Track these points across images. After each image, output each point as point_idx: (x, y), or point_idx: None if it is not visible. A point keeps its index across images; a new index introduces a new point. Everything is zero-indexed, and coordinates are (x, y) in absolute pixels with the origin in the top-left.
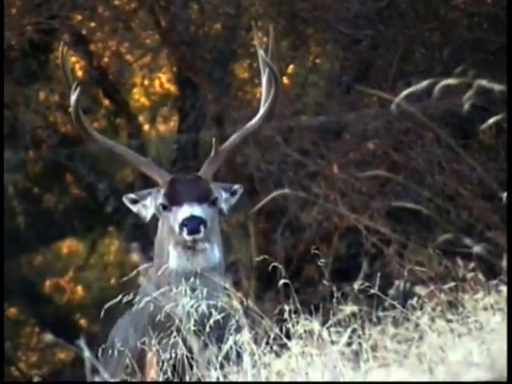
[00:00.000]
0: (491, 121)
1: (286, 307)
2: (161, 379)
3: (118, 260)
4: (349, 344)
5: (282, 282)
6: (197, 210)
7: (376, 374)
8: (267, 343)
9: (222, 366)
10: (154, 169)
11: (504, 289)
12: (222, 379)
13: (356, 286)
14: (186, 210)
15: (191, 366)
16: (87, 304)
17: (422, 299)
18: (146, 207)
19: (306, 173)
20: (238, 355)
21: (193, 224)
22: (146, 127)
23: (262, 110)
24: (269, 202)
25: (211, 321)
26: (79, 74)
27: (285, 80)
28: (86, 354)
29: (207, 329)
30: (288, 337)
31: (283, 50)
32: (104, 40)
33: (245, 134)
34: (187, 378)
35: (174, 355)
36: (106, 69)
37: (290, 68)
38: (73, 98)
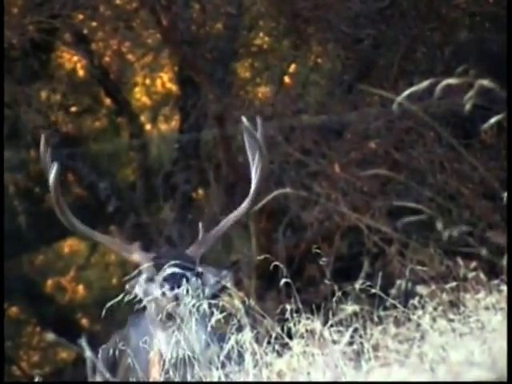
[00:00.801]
0: (493, 120)
1: (288, 306)
2: (162, 379)
3: (120, 259)
4: (350, 343)
5: (283, 281)
6: (179, 270)
7: (377, 374)
8: (269, 343)
9: (223, 366)
10: (137, 252)
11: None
12: (223, 379)
13: (357, 285)
14: (167, 270)
15: (192, 366)
16: (89, 303)
17: (423, 299)
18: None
19: (307, 172)
20: (240, 355)
21: (174, 279)
22: (148, 127)
23: (251, 192)
24: (270, 201)
25: (213, 320)
26: (80, 73)
27: (286, 79)
28: (88, 353)
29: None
30: (289, 336)
31: (284, 49)
32: (105, 39)
33: (235, 218)
34: (188, 378)
35: (175, 354)
36: (107, 68)
37: (292, 67)
38: (51, 177)
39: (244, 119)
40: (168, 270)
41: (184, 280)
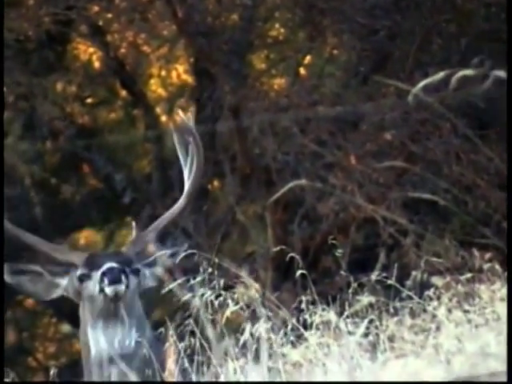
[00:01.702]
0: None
1: (303, 298)
2: (177, 370)
3: None
4: (366, 335)
5: (299, 272)
6: (118, 265)
7: (393, 365)
8: (284, 334)
9: (238, 357)
10: (70, 252)
11: None
12: (238, 370)
13: (373, 276)
14: (106, 265)
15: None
16: None
17: (438, 290)
18: (53, 286)
19: (322, 163)
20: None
21: (113, 273)
22: (163, 118)
23: (185, 192)
24: (286, 192)
25: (228, 312)
26: (96, 64)
27: (302, 71)
28: (103, 344)
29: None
30: (305, 327)
31: (300, 40)
32: (121, 31)
33: (171, 216)
34: (204, 369)
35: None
36: (122, 60)
37: (307, 59)
38: None
39: (179, 117)
40: (106, 265)
41: (123, 275)
